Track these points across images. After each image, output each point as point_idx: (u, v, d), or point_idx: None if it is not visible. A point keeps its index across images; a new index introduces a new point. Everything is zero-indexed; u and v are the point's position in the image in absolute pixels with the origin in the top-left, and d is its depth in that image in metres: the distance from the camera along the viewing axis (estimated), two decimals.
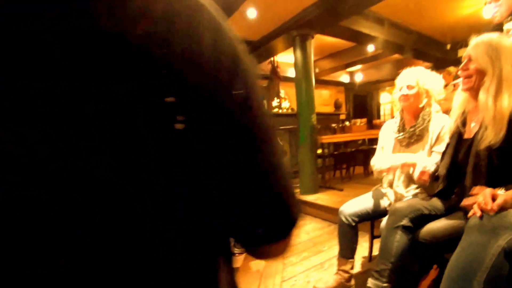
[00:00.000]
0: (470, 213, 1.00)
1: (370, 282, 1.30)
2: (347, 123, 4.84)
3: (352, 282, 1.67)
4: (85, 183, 0.24)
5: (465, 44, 1.24)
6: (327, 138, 4.06)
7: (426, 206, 1.31)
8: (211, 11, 0.28)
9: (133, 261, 0.26)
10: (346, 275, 1.64)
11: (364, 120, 4.89)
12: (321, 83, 7.55)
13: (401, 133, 1.61)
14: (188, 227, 0.28)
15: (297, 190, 3.74)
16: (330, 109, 7.17)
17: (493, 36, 1.15)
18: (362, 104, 8.64)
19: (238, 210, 0.30)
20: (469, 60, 1.16)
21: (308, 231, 2.76)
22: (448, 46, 5.30)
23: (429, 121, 1.52)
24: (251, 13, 3.12)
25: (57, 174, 0.23)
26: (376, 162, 1.65)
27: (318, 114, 5.35)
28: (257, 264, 2.26)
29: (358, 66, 7.15)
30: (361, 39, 4.35)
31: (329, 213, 2.95)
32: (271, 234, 0.32)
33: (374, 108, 8.68)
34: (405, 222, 1.27)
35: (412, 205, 1.32)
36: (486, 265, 0.84)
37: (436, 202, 1.34)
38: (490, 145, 1.03)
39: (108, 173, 0.24)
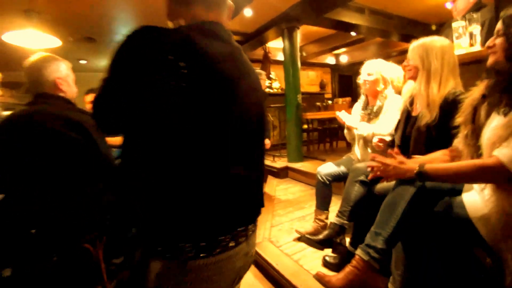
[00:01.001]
0: (369, 176, 1.31)
1: (335, 219, 1.81)
2: (329, 102, 5.30)
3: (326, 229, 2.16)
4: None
5: (448, 24, 1.51)
6: (310, 115, 4.55)
7: None
8: None
9: None
10: (322, 223, 2.09)
11: (347, 99, 5.30)
12: (308, 65, 7.90)
13: (363, 111, 2.09)
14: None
15: (285, 159, 4.28)
16: (316, 89, 7.60)
17: (427, 39, 1.49)
18: (348, 84, 9.10)
19: None
20: (407, 59, 1.55)
21: (294, 192, 3.31)
22: (434, 27, 5.41)
23: (383, 102, 1.99)
24: (247, 12, 3.58)
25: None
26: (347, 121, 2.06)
27: (304, 93, 5.78)
28: None
29: (344, 49, 7.51)
30: (344, 27, 4.73)
31: (311, 178, 3.48)
32: None
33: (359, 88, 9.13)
34: (362, 177, 1.74)
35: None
36: (405, 199, 1.23)
37: None
38: (426, 123, 1.39)
39: None
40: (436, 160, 1.23)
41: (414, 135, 1.49)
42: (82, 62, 5.61)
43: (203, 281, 0.68)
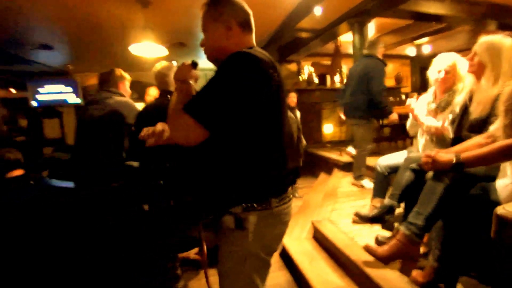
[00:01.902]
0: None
1: (386, 200, 2.00)
2: (403, 96, 5.12)
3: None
4: None
5: None
6: None
7: None
8: None
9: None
10: None
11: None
12: (384, 57, 7.58)
13: (431, 105, 2.09)
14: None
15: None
16: (391, 82, 7.27)
17: (498, 37, 1.52)
18: None
19: None
20: (475, 54, 1.58)
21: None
22: None
23: (453, 97, 1.95)
24: (317, 10, 3.76)
25: None
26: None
27: None
28: (315, 200, 3.10)
29: (426, 39, 6.97)
30: (422, 18, 4.49)
31: None
32: None
33: None
34: (414, 166, 1.89)
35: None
36: (443, 184, 1.39)
37: None
38: (479, 117, 1.50)
39: None
40: (471, 147, 1.36)
41: (469, 129, 1.60)
42: (174, 63, 6.64)
43: (281, 222, 1.04)
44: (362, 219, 2.08)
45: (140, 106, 2.24)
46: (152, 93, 3.12)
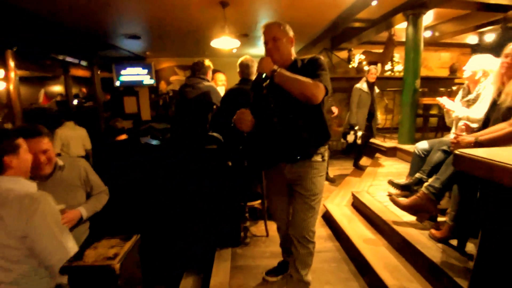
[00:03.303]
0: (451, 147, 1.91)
1: (417, 174, 2.38)
2: (454, 87, 5.13)
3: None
4: None
5: None
6: (427, 100, 4.65)
7: None
8: None
9: None
10: None
11: None
12: (442, 45, 7.34)
13: (464, 98, 2.45)
14: None
15: (396, 140, 4.65)
16: (446, 72, 7.09)
17: None
18: None
19: None
20: (510, 55, 1.83)
21: (398, 168, 3.80)
22: None
23: (483, 90, 2.27)
24: (374, 1, 3.99)
25: None
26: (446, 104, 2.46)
27: (430, 78, 5.61)
28: (356, 177, 3.52)
29: (490, 27, 6.61)
30: (485, 8, 4.38)
31: None
32: None
33: None
34: (445, 147, 2.24)
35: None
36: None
37: None
38: (509, 105, 1.82)
39: None
40: (494, 132, 1.69)
41: (495, 116, 1.92)
42: (234, 51, 7.25)
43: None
44: (394, 185, 2.49)
45: None
46: (221, 78, 3.53)
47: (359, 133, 3.96)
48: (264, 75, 1.53)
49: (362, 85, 4.10)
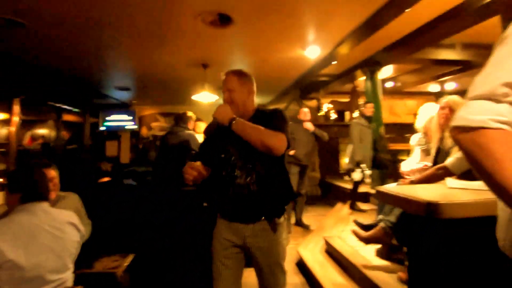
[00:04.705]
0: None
1: (381, 216, 2.42)
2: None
3: None
4: None
5: None
6: (394, 146, 4.95)
7: None
8: None
9: None
10: None
11: None
12: (407, 94, 7.91)
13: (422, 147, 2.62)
14: None
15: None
16: (411, 119, 7.50)
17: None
18: None
19: None
20: (446, 105, 2.17)
21: (370, 212, 3.88)
22: None
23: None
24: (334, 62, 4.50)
25: None
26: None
27: (394, 124, 5.99)
28: (329, 223, 3.55)
29: (450, 76, 7.09)
30: (435, 63, 4.90)
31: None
32: None
33: None
34: None
35: None
36: None
37: None
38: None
39: None
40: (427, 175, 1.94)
41: (440, 161, 2.12)
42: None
43: None
44: (358, 225, 2.55)
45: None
46: (202, 126, 3.71)
47: (367, 172, 3.80)
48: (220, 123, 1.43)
49: (360, 119, 4.06)
